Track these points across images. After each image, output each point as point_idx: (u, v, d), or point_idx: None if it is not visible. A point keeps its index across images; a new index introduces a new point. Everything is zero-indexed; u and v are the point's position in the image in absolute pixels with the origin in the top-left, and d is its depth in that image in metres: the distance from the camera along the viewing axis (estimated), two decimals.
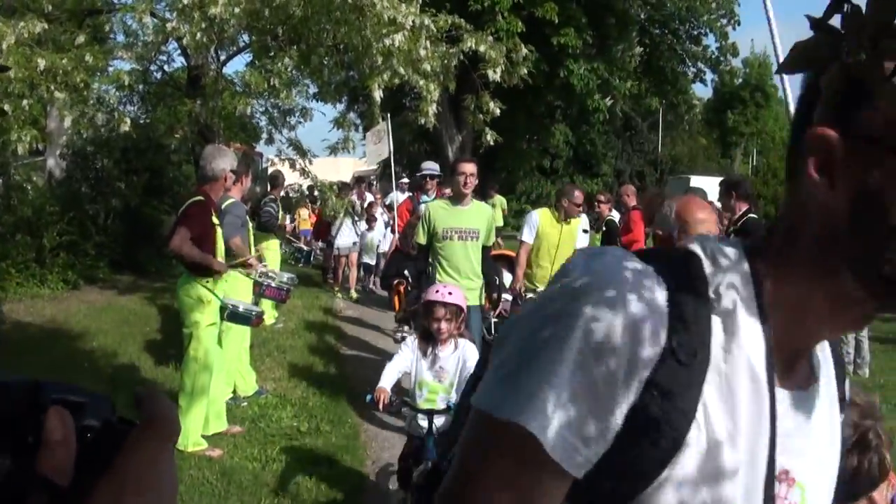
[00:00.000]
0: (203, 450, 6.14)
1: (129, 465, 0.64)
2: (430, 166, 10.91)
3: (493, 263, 7.37)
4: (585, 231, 14.81)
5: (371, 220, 14.60)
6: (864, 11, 0.78)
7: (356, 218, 14.90)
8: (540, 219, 8.27)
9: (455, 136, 23.06)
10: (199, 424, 6.24)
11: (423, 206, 9.57)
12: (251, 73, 11.33)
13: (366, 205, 15.77)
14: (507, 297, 8.45)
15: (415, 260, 7.73)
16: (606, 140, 34.46)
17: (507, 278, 9.07)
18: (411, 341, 4.85)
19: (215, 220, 6.27)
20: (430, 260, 6.95)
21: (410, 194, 11.10)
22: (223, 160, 6.35)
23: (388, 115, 11.18)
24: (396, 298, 9.46)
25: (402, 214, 10.76)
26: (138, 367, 8.51)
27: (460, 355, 4.68)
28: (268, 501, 5.32)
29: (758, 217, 7.34)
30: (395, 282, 9.26)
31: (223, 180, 6.33)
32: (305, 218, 19.85)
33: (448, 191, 11.31)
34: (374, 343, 10.77)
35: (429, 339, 4.76)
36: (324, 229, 16.19)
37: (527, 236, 8.24)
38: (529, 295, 7.93)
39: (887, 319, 13.01)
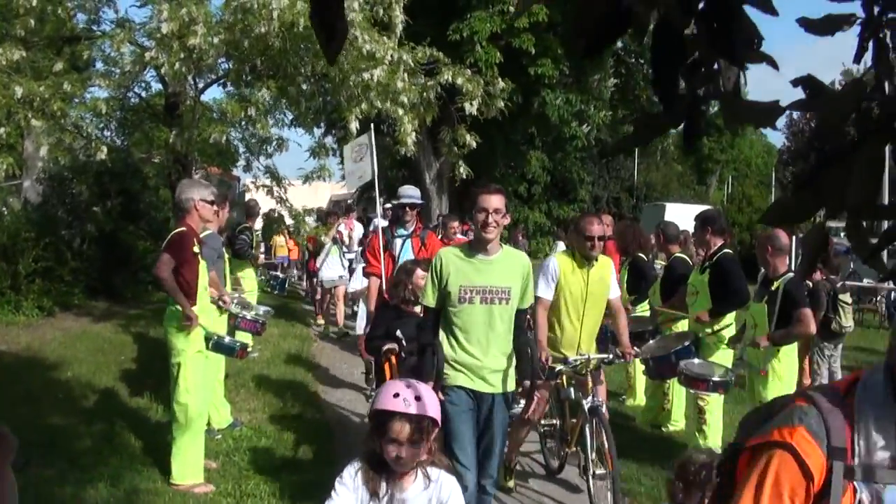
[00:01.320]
0: (196, 485, 6.13)
1: None
2: (410, 192, 8.59)
3: (528, 334, 5.48)
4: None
5: None
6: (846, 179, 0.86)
7: (345, 250, 14.40)
8: (560, 266, 6.18)
9: (433, 163, 23.17)
10: (198, 457, 6.24)
11: (398, 239, 8.25)
12: (228, 103, 11.38)
13: (357, 236, 15.18)
14: None
15: (419, 327, 5.49)
16: (583, 166, 34.72)
17: None
18: (352, 475, 3.04)
19: (197, 249, 6.30)
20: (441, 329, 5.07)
21: (384, 226, 8.81)
22: (191, 191, 6.38)
23: (372, 127, 9.24)
24: (387, 368, 6.24)
25: (374, 251, 8.32)
26: (113, 398, 8.46)
27: (433, 495, 3.08)
28: None
29: (732, 252, 7.42)
30: (385, 347, 6.08)
31: (195, 210, 6.34)
32: (282, 244, 19.81)
33: (455, 224, 10.55)
34: (350, 373, 10.76)
35: (380, 470, 3.02)
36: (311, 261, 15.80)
37: (544, 291, 6.11)
38: (559, 367, 5.96)
39: (862, 349, 13.19)
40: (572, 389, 6.18)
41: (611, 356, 6.21)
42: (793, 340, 6.34)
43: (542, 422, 6.69)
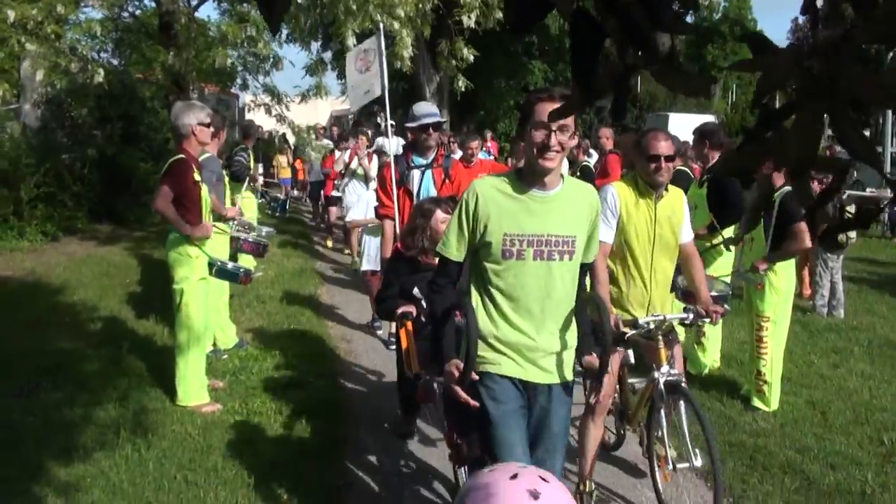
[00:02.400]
0: (203, 404, 6.25)
1: None
2: (429, 110, 6.94)
3: (592, 297, 3.72)
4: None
5: None
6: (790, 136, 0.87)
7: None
8: (620, 197, 4.58)
9: (433, 77, 22.92)
10: (201, 379, 6.34)
11: (415, 171, 6.87)
12: (228, 24, 11.25)
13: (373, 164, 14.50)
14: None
15: (432, 285, 3.59)
16: None
17: None
18: None
19: (197, 177, 6.26)
20: (470, 291, 3.49)
21: (399, 153, 7.38)
22: (188, 116, 6.25)
23: (382, 28, 8.15)
24: (404, 335, 4.92)
25: (386, 187, 7.04)
26: (120, 321, 8.55)
27: None
28: (249, 455, 5.40)
29: None
30: (400, 311, 4.88)
31: (193, 136, 6.25)
32: (285, 166, 19.64)
33: (474, 144, 9.30)
34: (355, 291, 10.84)
35: None
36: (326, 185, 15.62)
37: (604, 232, 4.33)
38: (630, 331, 4.43)
39: (864, 260, 13.24)
40: (631, 353, 4.77)
41: (691, 315, 4.63)
42: (790, 256, 6.37)
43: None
